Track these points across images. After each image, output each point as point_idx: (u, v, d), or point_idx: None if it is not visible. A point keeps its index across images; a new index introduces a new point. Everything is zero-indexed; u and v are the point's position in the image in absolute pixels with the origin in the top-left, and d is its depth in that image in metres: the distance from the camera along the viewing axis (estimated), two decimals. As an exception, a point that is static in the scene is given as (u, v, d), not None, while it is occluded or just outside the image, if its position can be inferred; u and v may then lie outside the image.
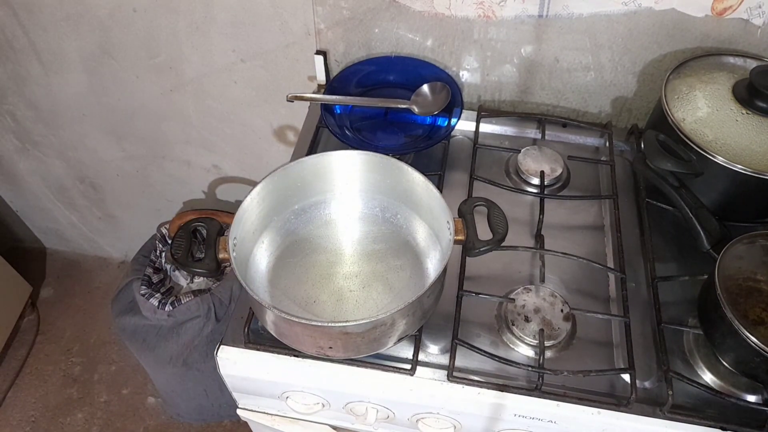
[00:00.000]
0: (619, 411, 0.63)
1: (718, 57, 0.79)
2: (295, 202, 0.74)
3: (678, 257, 0.77)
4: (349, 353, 0.64)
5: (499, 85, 0.93)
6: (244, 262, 0.69)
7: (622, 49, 0.84)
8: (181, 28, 1.01)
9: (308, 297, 0.69)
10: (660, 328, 0.68)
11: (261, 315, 0.65)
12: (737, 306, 0.68)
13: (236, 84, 1.09)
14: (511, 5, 0.82)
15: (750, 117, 0.71)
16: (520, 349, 0.68)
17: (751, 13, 0.76)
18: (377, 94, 0.92)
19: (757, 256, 0.67)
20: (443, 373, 0.65)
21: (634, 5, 0.78)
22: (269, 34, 0.97)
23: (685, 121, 0.73)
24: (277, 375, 0.68)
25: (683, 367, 0.67)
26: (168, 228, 1.28)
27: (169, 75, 1.10)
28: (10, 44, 1.12)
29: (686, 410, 0.63)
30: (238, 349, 0.68)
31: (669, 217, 0.78)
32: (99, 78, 1.16)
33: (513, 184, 0.85)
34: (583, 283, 0.74)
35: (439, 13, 0.85)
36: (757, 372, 0.61)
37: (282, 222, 0.74)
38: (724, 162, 0.68)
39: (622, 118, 0.93)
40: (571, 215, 0.82)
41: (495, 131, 0.92)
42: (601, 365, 0.67)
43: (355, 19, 0.90)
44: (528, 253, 0.77)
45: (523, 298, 0.70)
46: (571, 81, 0.90)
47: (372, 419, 0.70)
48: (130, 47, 1.07)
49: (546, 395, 0.64)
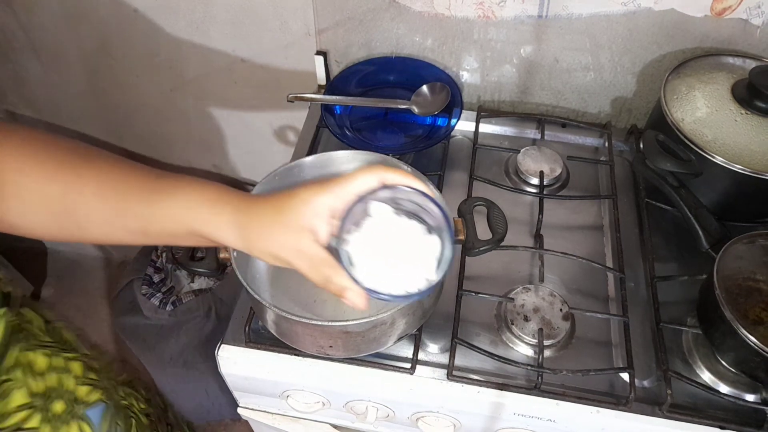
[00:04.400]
0: (618, 410, 0.63)
1: (717, 57, 0.79)
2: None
3: (677, 257, 0.77)
4: (349, 352, 0.64)
5: (498, 86, 0.93)
6: (244, 262, 0.69)
7: (622, 50, 0.84)
8: (181, 28, 1.01)
9: (308, 296, 0.69)
10: (659, 327, 0.68)
11: (261, 314, 0.65)
12: (736, 306, 0.68)
13: (236, 84, 1.09)
14: (511, 6, 0.82)
15: (749, 117, 0.71)
16: (520, 349, 0.68)
17: (750, 13, 0.77)
18: (377, 94, 0.92)
19: (757, 255, 0.68)
20: (443, 372, 0.66)
21: (634, 5, 0.78)
22: (269, 34, 0.98)
23: (684, 121, 0.73)
24: (278, 374, 0.68)
25: (682, 367, 0.67)
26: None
27: (169, 75, 1.10)
28: (9, 44, 1.13)
29: (685, 410, 0.63)
30: (239, 348, 0.68)
31: (668, 217, 0.78)
32: (99, 78, 1.16)
33: (512, 184, 0.85)
34: (583, 282, 0.75)
35: (439, 13, 0.85)
36: (756, 371, 0.62)
37: (282, 222, 0.74)
38: (724, 162, 0.68)
39: (621, 118, 0.94)
40: (570, 215, 0.82)
41: (494, 131, 0.92)
42: (600, 364, 0.67)
43: (355, 20, 0.90)
44: (527, 253, 0.77)
45: (522, 298, 0.71)
46: (571, 81, 0.90)
47: (372, 418, 0.70)
48: (130, 47, 1.07)
49: (545, 394, 0.64)
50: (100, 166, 0.47)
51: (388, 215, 0.46)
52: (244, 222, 0.44)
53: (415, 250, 0.46)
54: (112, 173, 0.46)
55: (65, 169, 0.45)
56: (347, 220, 0.44)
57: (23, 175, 0.45)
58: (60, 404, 0.58)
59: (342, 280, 0.44)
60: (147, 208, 0.46)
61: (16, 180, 0.45)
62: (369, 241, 0.45)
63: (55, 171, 0.45)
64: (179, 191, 0.46)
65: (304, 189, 0.45)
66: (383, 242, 0.45)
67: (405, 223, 0.47)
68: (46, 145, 0.46)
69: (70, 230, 0.47)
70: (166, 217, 0.46)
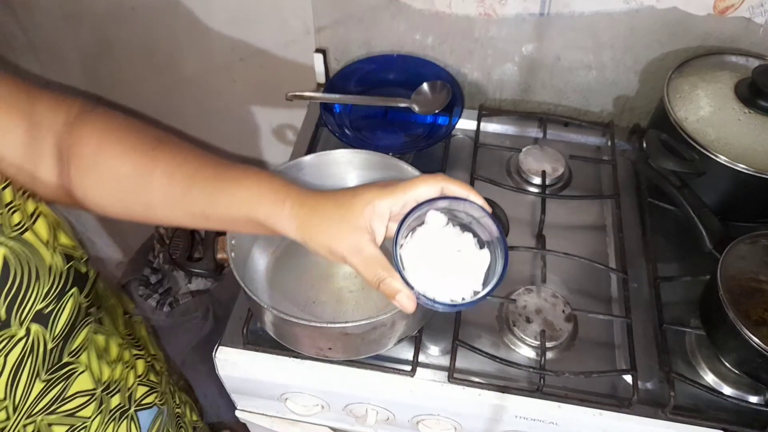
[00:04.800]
0: (620, 412, 0.62)
1: (720, 56, 0.79)
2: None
3: (680, 257, 0.77)
4: (348, 354, 0.64)
5: (500, 84, 0.93)
6: (242, 263, 0.68)
7: (624, 48, 0.84)
8: (180, 27, 1.00)
9: (307, 297, 0.69)
10: (662, 328, 0.68)
11: (260, 316, 0.65)
12: (739, 306, 0.67)
13: (235, 83, 1.08)
14: (512, 3, 0.81)
15: (752, 116, 0.71)
16: (522, 350, 0.68)
17: (753, 12, 0.76)
18: (377, 92, 0.92)
19: (760, 256, 0.67)
20: (444, 375, 0.65)
21: (636, 4, 0.78)
22: (269, 32, 0.97)
23: (687, 120, 0.73)
24: (276, 376, 0.67)
25: (685, 368, 0.66)
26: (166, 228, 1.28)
27: (168, 74, 1.10)
28: (8, 43, 1.12)
29: (688, 411, 0.63)
30: (237, 350, 0.68)
31: (671, 217, 0.77)
32: (97, 77, 1.15)
33: (514, 183, 0.84)
34: (585, 283, 0.74)
35: (439, 11, 0.85)
36: (759, 373, 0.61)
37: (281, 222, 0.74)
38: (727, 161, 0.68)
39: (623, 117, 0.93)
40: (572, 215, 0.81)
41: (496, 130, 0.92)
42: (602, 366, 0.66)
43: (355, 18, 0.89)
44: (529, 253, 0.76)
45: (524, 299, 0.70)
46: (573, 80, 0.89)
47: (372, 421, 0.70)
48: (128, 46, 1.07)
49: (547, 396, 0.63)
50: (171, 150, 0.50)
51: (442, 224, 0.48)
52: (304, 215, 0.46)
53: (465, 261, 0.48)
54: (181, 157, 0.50)
55: (139, 150, 0.49)
56: (404, 225, 0.46)
57: (101, 151, 0.48)
58: (117, 399, 0.58)
59: (394, 282, 0.45)
60: (212, 194, 0.48)
61: (94, 155, 0.48)
62: (421, 248, 0.47)
63: (130, 150, 0.49)
64: (244, 180, 0.48)
65: (367, 190, 0.46)
66: (435, 250, 0.47)
67: (458, 233, 0.48)
68: (124, 126, 0.50)
69: (136, 208, 0.51)
70: (229, 203, 0.48)
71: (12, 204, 0.45)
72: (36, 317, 0.46)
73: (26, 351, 0.46)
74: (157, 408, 0.64)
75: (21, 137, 0.46)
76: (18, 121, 0.45)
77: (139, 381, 0.62)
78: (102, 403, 0.56)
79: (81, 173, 0.48)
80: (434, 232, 0.48)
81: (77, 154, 0.48)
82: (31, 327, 0.46)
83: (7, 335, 0.44)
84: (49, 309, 0.47)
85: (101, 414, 0.56)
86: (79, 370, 0.52)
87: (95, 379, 0.55)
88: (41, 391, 0.49)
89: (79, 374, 0.52)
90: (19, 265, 0.44)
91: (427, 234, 0.48)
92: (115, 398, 0.58)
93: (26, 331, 0.45)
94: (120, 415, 0.58)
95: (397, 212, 0.47)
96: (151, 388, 0.64)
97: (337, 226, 0.45)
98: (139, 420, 0.61)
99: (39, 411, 0.50)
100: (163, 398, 0.67)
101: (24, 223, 0.45)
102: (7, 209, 0.44)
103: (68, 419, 0.52)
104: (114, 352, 0.58)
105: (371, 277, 0.46)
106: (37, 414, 0.50)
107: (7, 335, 0.44)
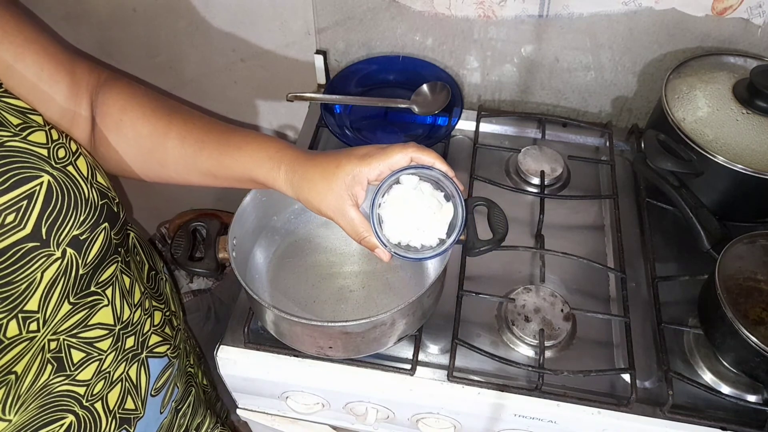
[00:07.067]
0: (619, 411, 0.63)
1: (718, 56, 0.79)
2: (295, 201, 0.73)
3: (678, 257, 0.77)
4: (349, 353, 0.64)
5: (499, 85, 0.93)
6: (244, 262, 0.69)
7: (623, 49, 0.84)
8: (180, 28, 1.01)
9: (308, 297, 0.69)
10: (660, 328, 0.68)
11: (261, 315, 0.65)
12: (737, 306, 0.68)
13: (236, 84, 1.08)
14: (512, 5, 0.81)
15: (750, 117, 0.71)
16: (521, 349, 0.68)
17: (751, 13, 0.76)
18: (377, 93, 0.92)
19: (758, 255, 0.67)
20: (443, 373, 0.65)
21: (635, 5, 0.78)
22: (269, 33, 0.97)
23: (685, 121, 0.73)
24: (277, 375, 0.68)
25: (683, 367, 0.67)
26: (168, 228, 1.28)
27: (169, 75, 1.10)
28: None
29: (686, 410, 0.63)
30: (238, 348, 0.68)
31: (669, 217, 0.78)
32: (99, 78, 1.15)
33: (513, 183, 0.84)
34: (584, 283, 0.74)
35: (439, 12, 0.85)
36: (757, 372, 0.61)
37: (282, 222, 0.74)
38: (725, 162, 0.68)
39: (622, 117, 0.93)
40: (571, 215, 0.82)
41: (495, 131, 0.92)
42: (601, 365, 0.67)
43: (355, 19, 0.90)
44: (528, 253, 0.77)
45: (523, 298, 0.70)
46: (572, 81, 0.90)
47: (372, 419, 0.70)
48: (129, 47, 1.07)
49: (546, 395, 0.64)
50: (184, 116, 0.58)
51: (414, 184, 0.56)
52: (297, 181, 0.55)
53: (433, 213, 0.56)
54: (193, 122, 0.58)
55: (157, 114, 0.57)
56: (380, 189, 0.55)
57: (125, 113, 0.56)
58: (131, 341, 0.60)
59: (372, 238, 0.55)
60: (218, 157, 0.56)
61: (119, 115, 0.56)
62: (396, 205, 0.56)
63: (150, 114, 0.57)
64: (246, 145, 0.56)
65: (348, 161, 0.53)
66: (408, 205, 0.56)
67: (429, 190, 0.57)
68: (146, 94, 0.59)
69: (152, 167, 0.59)
70: (234, 164, 0.56)
71: (58, 141, 0.50)
72: (72, 242, 0.49)
73: (60, 271, 0.49)
74: (168, 359, 0.66)
75: (65, 91, 0.53)
76: (63, 76, 0.52)
77: (154, 330, 0.64)
78: (118, 340, 0.58)
79: (106, 130, 0.56)
80: (407, 190, 0.56)
81: (104, 113, 0.56)
82: (67, 250, 0.49)
83: (46, 253, 0.47)
84: (84, 236, 0.50)
85: (116, 351, 0.58)
86: (103, 302, 0.55)
87: (116, 317, 0.57)
88: (68, 312, 0.52)
89: (102, 307, 0.55)
90: (60, 193, 0.48)
91: (402, 192, 0.56)
92: (130, 339, 0.60)
93: (62, 252, 0.48)
94: (132, 356, 0.60)
95: (374, 178, 0.54)
96: (164, 340, 0.65)
97: (324, 193, 0.54)
98: (149, 366, 0.63)
99: (63, 330, 0.52)
100: (176, 352, 0.68)
101: (68, 157, 0.50)
102: (53, 144, 0.49)
103: (86, 347, 0.55)
104: (137, 296, 0.61)
105: (354, 235, 0.55)
106: (61, 333, 0.52)
107: (45, 253, 0.47)
